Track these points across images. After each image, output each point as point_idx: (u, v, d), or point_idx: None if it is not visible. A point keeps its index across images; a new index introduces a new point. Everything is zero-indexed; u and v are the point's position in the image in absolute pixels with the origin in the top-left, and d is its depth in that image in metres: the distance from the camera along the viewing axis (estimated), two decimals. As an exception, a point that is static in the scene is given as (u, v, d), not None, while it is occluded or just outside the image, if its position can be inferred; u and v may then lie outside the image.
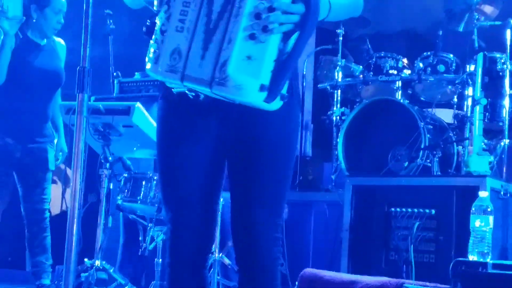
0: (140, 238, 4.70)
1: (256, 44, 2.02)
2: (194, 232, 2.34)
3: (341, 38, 6.45)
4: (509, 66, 5.68)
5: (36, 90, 4.91)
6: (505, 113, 5.64)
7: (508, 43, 5.73)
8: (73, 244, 2.80)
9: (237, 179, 2.32)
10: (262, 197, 2.27)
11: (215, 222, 2.45)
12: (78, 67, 2.58)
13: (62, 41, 5.11)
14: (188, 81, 2.10)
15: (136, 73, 5.99)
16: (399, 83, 6.09)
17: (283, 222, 2.36)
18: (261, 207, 2.26)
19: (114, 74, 5.92)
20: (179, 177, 2.34)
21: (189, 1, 2.11)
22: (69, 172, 5.92)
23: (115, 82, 5.88)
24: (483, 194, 3.41)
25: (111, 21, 5.92)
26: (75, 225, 2.74)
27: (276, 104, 2.10)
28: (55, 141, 5.11)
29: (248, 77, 2.02)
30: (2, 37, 4.65)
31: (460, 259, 3.34)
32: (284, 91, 2.10)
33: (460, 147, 5.66)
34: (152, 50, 2.15)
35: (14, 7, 4.51)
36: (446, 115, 5.98)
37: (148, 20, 2.39)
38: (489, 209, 3.34)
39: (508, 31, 5.74)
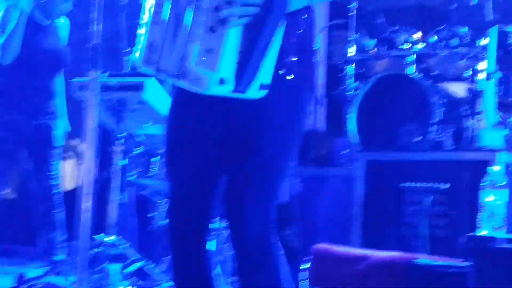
0: (153, 214, 4.72)
1: (215, 37, 2.03)
2: (193, 201, 2.39)
3: (354, 12, 6.41)
4: (524, 40, 5.64)
5: (39, 68, 4.93)
6: (519, 86, 5.61)
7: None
8: (87, 221, 2.82)
9: (235, 162, 2.34)
10: (257, 178, 2.29)
11: (213, 205, 2.47)
12: (90, 44, 2.58)
13: (62, 20, 5.12)
14: (161, 73, 2.18)
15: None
16: (412, 57, 6.05)
17: (279, 202, 2.37)
18: (254, 188, 2.28)
19: (128, 49, 5.89)
20: (184, 157, 2.39)
21: None
22: (83, 147, 5.94)
23: (129, 58, 5.86)
24: (495, 168, 3.41)
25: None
26: (88, 202, 2.76)
27: (256, 93, 2.11)
28: None
29: (206, 70, 2.05)
30: (18, 14, 4.67)
31: (473, 234, 3.34)
32: (265, 80, 2.11)
33: (474, 121, 5.63)
34: (138, 41, 2.24)
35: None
36: (460, 89, 5.94)
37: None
38: (502, 183, 3.33)
39: (522, 4, 5.69)
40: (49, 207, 4.95)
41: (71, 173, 6.52)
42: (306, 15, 2.30)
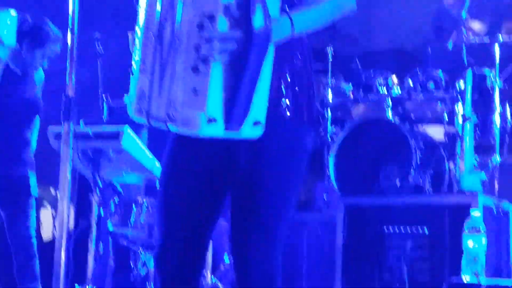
0: (131, 264, 4.67)
1: (199, 76, 2.00)
2: (183, 252, 2.33)
3: (330, 57, 6.45)
4: (498, 82, 5.69)
5: (14, 117, 4.90)
6: (495, 129, 5.64)
7: (497, 59, 5.74)
8: (61, 273, 2.77)
9: (236, 206, 2.30)
10: (260, 222, 2.25)
11: (206, 248, 2.43)
12: (63, 95, 2.56)
13: (41, 71, 5.11)
14: (152, 120, 2.16)
15: (125, 95, 5.95)
16: (389, 101, 6.07)
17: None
18: (258, 232, 2.25)
19: (104, 98, 5.89)
20: (177, 204, 2.34)
21: (146, 43, 2.15)
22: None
23: (105, 106, 5.86)
24: (475, 214, 3.40)
25: (99, 43, 5.89)
26: (62, 254, 2.71)
27: (251, 132, 2.09)
28: None
29: (193, 111, 2.02)
30: None
31: (454, 279, 3.32)
32: (258, 117, 2.08)
33: (451, 165, 5.65)
34: (130, 93, 2.23)
35: (9, 34, 4.50)
36: (437, 132, 5.97)
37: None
38: (481, 229, 3.33)
39: (496, 47, 5.75)
40: (26, 258, 4.88)
41: (48, 222, 6.44)
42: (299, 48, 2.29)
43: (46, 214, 6.41)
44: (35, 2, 8.37)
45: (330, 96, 6.32)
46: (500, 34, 5.82)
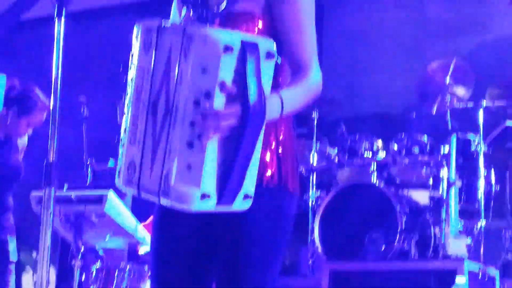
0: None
1: (194, 152, 1.99)
2: None
3: (315, 122, 6.48)
4: (482, 147, 5.72)
5: None
6: (480, 194, 5.65)
7: (481, 124, 5.79)
8: None
9: (222, 274, 2.29)
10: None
11: None
12: (45, 161, 2.54)
13: (25, 137, 5.10)
14: (143, 192, 2.14)
15: (110, 159, 5.96)
16: (374, 166, 6.09)
17: None
18: None
19: (88, 161, 5.88)
20: (170, 272, 2.34)
21: (137, 114, 2.14)
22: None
23: (89, 170, 5.84)
24: (460, 280, 3.37)
25: (85, 108, 5.91)
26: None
27: (241, 205, 2.07)
28: None
29: (188, 187, 1.99)
30: None
31: None
32: (248, 191, 2.07)
33: (437, 230, 5.63)
34: (118, 163, 2.21)
35: None
36: (422, 197, 5.97)
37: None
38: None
39: (480, 112, 5.80)
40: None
41: (30, 287, 6.36)
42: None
43: (28, 278, 6.33)
44: (22, 63, 8.43)
45: (315, 160, 6.33)
46: (484, 100, 5.88)
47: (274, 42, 2.06)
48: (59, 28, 1.91)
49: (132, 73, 2.18)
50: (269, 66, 2.04)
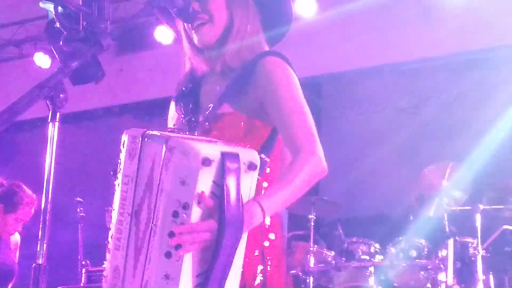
0: None
1: (172, 262, 1.99)
2: None
3: (312, 224, 6.45)
4: (480, 251, 5.68)
5: None
6: (479, 299, 5.58)
7: (479, 227, 5.76)
8: None
9: None
10: None
11: None
12: (34, 264, 2.51)
13: (17, 235, 5.10)
14: None
15: (104, 261, 5.91)
16: (371, 269, 6.03)
17: None
18: None
19: (83, 262, 5.83)
20: None
21: (122, 221, 2.16)
22: None
23: (83, 271, 5.79)
24: None
25: (81, 208, 5.91)
26: None
27: None
28: None
29: None
30: None
31: None
32: None
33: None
34: (105, 267, 2.24)
35: None
36: (420, 301, 5.89)
37: None
38: None
39: (477, 216, 5.79)
40: None
41: None
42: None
43: None
44: (20, 161, 8.47)
45: (312, 262, 6.28)
46: (480, 203, 5.87)
47: (256, 152, 2.07)
48: (52, 132, 1.93)
49: (118, 180, 2.21)
50: (251, 176, 2.05)
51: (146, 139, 2.13)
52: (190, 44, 2.44)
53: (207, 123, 2.31)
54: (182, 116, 2.39)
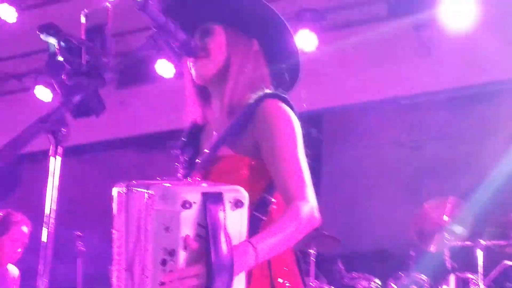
0: None
1: None
2: None
3: (313, 259, 6.42)
4: (482, 287, 5.64)
5: None
6: (481, 335, 5.53)
7: (480, 263, 5.73)
8: None
9: None
10: None
11: None
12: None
13: (14, 267, 5.08)
14: None
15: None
16: (373, 305, 5.99)
17: None
18: None
19: (82, 296, 5.79)
20: None
21: (120, 276, 2.18)
22: None
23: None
24: None
25: (80, 242, 5.89)
26: None
27: None
28: None
29: None
30: None
31: None
32: None
33: None
34: None
35: None
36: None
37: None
38: None
39: (479, 252, 5.76)
40: None
41: None
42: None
43: None
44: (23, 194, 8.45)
45: (312, 298, 6.23)
46: (482, 239, 5.85)
47: (242, 189, 2.04)
48: (54, 166, 1.92)
49: (114, 235, 2.22)
50: (239, 214, 2.01)
51: (131, 188, 2.13)
52: (193, 87, 2.49)
53: (205, 166, 2.30)
54: (184, 159, 2.40)
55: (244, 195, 2.02)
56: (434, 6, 6.95)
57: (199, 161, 2.36)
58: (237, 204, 2.00)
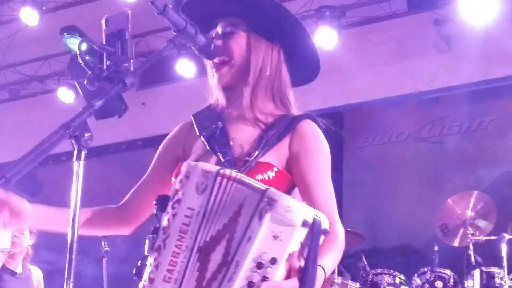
0: None
1: None
2: None
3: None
4: (507, 282, 5.62)
5: None
6: (507, 330, 5.51)
7: (505, 257, 5.71)
8: None
9: None
10: None
11: None
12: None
13: (38, 270, 5.13)
14: None
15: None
16: (396, 302, 5.98)
17: None
18: None
19: (108, 297, 5.84)
20: None
21: (178, 252, 2.11)
22: None
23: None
24: None
25: (105, 243, 5.93)
26: None
27: None
28: None
29: None
30: None
31: None
32: None
33: None
34: None
35: (3, 239, 4.57)
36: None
37: (139, 261, 2.35)
38: None
39: (503, 246, 5.74)
40: None
41: None
42: None
43: None
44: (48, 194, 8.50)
45: (336, 295, 6.24)
46: (506, 234, 5.83)
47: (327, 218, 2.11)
48: (78, 170, 1.94)
49: (174, 210, 2.15)
50: (321, 240, 2.08)
51: (227, 180, 2.10)
52: (214, 79, 2.47)
53: (245, 169, 2.30)
54: (219, 155, 2.37)
55: (328, 223, 2.09)
56: (453, 1, 6.94)
57: (241, 162, 2.34)
58: (325, 232, 2.06)
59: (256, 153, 2.31)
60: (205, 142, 2.39)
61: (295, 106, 2.45)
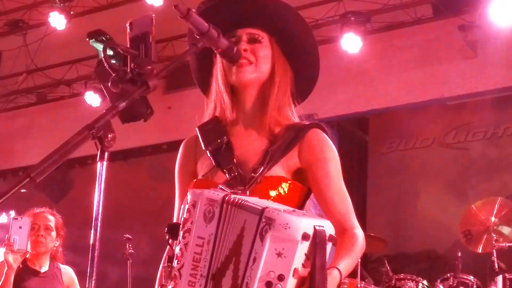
0: None
1: None
2: None
3: (359, 260, 6.42)
4: (531, 285, 5.61)
5: None
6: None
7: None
8: None
9: None
10: None
11: None
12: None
13: (69, 269, 5.16)
14: None
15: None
16: (420, 306, 5.98)
17: None
18: None
19: (132, 299, 5.88)
20: None
21: (194, 281, 2.15)
22: None
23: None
24: None
25: (130, 245, 5.97)
26: None
27: None
28: None
29: None
30: (6, 269, 4.70)
31: None
32: None
33: None
34: None
35: (21, 241, 4.60)
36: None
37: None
38: None
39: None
40: None
41: None
42: None
43: None
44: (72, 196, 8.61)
45: (359, 299, 6.24)
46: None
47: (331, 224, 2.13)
48: (101, 171, 1.97)
49: (185, 240, 2.18)
50: (329, 247, 2.10)
51: (230, 206, 2.13)
52: (224, 85, 2.48)
53: (251, 186, 2.33)
54: (225, 171, 2.39)
55: (333, 230, 2.12)
56: (479, 7, 6.93)
57: (248, 176, 2.36)
58: (331, 239, 2.09)
59: (262, 168, 2.34)
60: (211, 157, 2.43)
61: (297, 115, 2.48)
